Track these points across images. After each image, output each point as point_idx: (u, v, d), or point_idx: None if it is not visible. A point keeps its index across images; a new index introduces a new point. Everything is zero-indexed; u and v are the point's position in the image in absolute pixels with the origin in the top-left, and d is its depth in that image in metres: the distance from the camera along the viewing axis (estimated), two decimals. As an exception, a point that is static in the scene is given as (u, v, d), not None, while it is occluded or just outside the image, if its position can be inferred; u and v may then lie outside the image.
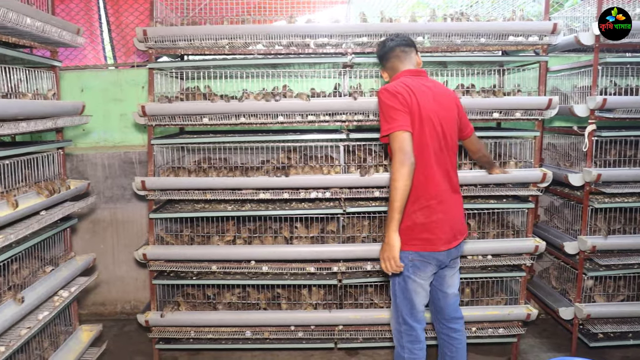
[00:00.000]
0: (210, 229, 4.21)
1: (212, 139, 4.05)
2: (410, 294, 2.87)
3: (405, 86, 2.81)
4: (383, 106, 2.78)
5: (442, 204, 2.84)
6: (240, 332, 4.13)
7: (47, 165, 3.46)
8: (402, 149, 2.64)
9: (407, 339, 2.92)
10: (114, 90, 5.15)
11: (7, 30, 2.96)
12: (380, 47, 3.13)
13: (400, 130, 2.67)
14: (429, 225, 2.81)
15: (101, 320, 4.69)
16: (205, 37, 3.82)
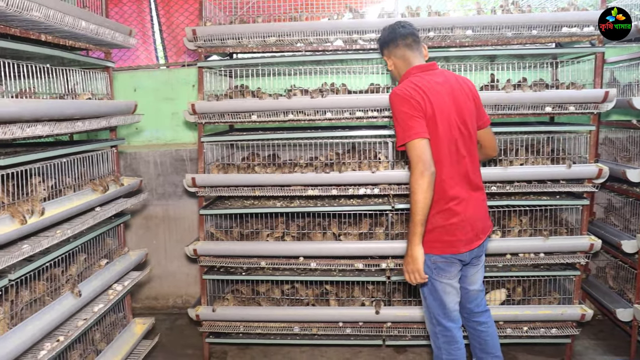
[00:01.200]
0: (259, 225, 4.26)
1: (261, 136, 4.09)
2: (440, 295, 2.81)
3: (417, 87, 2.69)
4: (396, 112, 2.67)
5: (461, 204, 2.75)
6: (288, 327, 4.16)
7: (101, 162, 3.56)
8: (420, 158, 2.54)
9: (443, 340, 2.87)
10: (165, 89, 5.26)
11: (64, 34, 3.06)
12: (389, 31, 2.96)
13: (417, 138, 2.57)
14: (449, 228, 2.73)
15: (154, 314, 4.80)
16: (253, 36, 3.85)
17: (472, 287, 3.02)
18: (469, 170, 2.80)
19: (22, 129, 2.43)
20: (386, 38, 2.96)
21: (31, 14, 2.51)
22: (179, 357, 4.37)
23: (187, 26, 4.25)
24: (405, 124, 2.61)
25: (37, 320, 2.65)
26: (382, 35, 3.01)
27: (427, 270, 2.73)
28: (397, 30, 2.92)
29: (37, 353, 2.69)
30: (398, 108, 2.65)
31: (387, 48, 2.97)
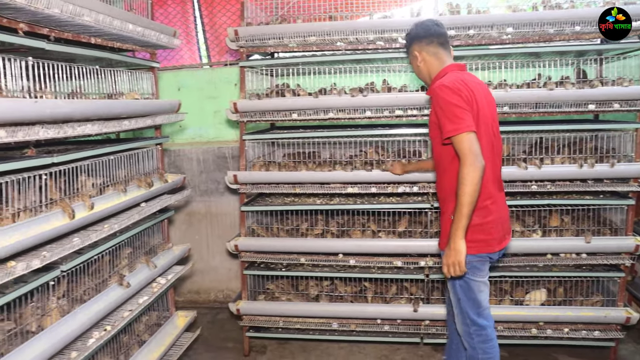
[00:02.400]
0: (299, 222, 4.32)
1: (301, 134, 4.15)
2: (475, 294, 2.82)
3: (464, 83, 2.69)
4: (445, 104, 2.63)
5: (495, 203, 2.79)
6: (327, 323, 4.21)
7: (146, 160, 3.68)
8: (472, 151, 2.53)
9: (478, 340, 2.86)
10: (208, 88, 5.38)
11: (113, 36, 3.19)
12: (424, 27, 2.93)
13: (468, 131, 2.56)
14: (485, 226, 2.74)
15: (196, 308, 4.91)
16: (294, 35, 3.91)
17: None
18: (499, 170, 2.86)
19: (73, 128, 2.55)
20: (420, 33, 2.94)
21: (82, 19, 2.63)
22: (220, 350, 4.47)
23: (230, 26, 4.34)
24: (455, 116, 2.59)
25: (86, 310, 2.78)
26: (416, 30, 2.98)
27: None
28: (432, 27, 2.91)
29: (86, 341, 2.81)
30: (448, 100, 2.62)
31: (419, 43, 2.94)
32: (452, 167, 2.74)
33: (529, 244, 3.89)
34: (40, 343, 2.40)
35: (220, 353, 4.41)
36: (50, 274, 2.57)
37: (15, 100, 2.25)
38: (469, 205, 2.53)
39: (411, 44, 2.99)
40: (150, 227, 3.77)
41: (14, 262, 2.24)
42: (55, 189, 2.66)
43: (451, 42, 3.86)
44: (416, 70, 3.04)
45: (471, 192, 2.51)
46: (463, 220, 2.56)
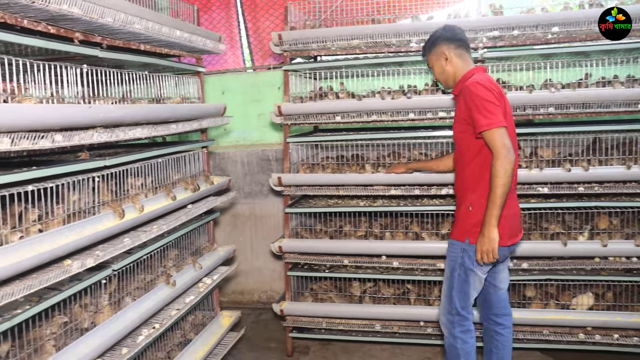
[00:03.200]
0: (342, 224, 4.35)
1: (345, 137, 4.18)
2: (468, 287, 2.94)
3: (493, 83, 2.84)
4: (478, 100, 2.74)
5: (510, 199, 2.88)
6: (370, 325, 4.21)
7: (193, 162, 3.76)
8: (505, 145, 2.65)
9: (459, 329, 2.99)
10: (252, 92, 5.45)
11: (161, 43, 3.28)
12: (451, 31, 3.03)
13: (501, 126, 2.68)
14: (500, 220, 2.78)
15: (240, 308, 4.98)
16: (336, 39, 3.95)
17: (502, 284, 3.15)
18: (516, 168, 2.93)
19: (124, 132, 2.64)
20: (449, 35, 3.02)
21: (133, 27, 2.72)
22: (263, 350, 4.53)
23: (273, 31, 4.40)
24: (488, 111, 2.71)
25: (136, 308, 2.87)
26: (443, 31, 3.05)
27: (467, 260, 2.90)
28: (458, 32, 3.04)
29: (135, 338, 2.90)
30: (482, 96, 2.74)
31: (447, 44, 3.01)
32: (476, 160, 2.88)
33: (575, 247, 3.82)
34: (94, 339, 2.49)
35: (263, 353, 4.47)
36: (102, 272, 2.66)
37: (71, 106, 2.35)
38: (502, 195, 2.66)
39: (438, 45, 3.05)
40: (197, 228, 3.86)
41: (69, 260, 2.34)
42: (107, 191, 2.75)
43: (495, 43, 3.85)
44: (439, 70, 3.10)
45: (505, 184, 2.64)
46: (496, 210, 2.68)
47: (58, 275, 2.20)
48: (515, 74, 4.07)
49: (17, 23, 2.21)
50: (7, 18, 2.14)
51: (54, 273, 2.18)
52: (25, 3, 2.06)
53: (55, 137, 2.19)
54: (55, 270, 2.20)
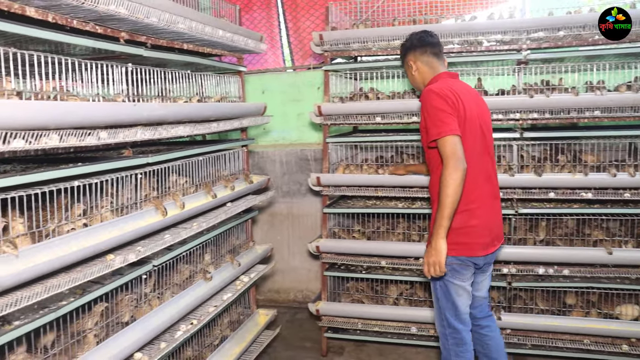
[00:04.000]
0: (380, 225, 4.33)
1: (384, 138, 4.16)
2: (453, 297, 2.86)
3: (451, 89, 2.77)
4: (430, 109, 2.72)
5: (481, 208, 2.82)
6: (405, 327, 4.18)
7: (233, 161, 3.80)
8: (454, 154, 2.60)
9: (452, 342, 2.91)
10: (291, 92, 5.48)
11: (203, 42, 3.33)
12: (418, 38, 3.05)
13: (451, 135, 2.63)
14: (467, 230, 2.78)
15: (275, 307, 5.01)
16: (377, 39, 3.94)
17: (479, 293, 3.08)
18: (491, 175, 2.91)
19: (167, 130, 2.69)
20: (415, 43, 3.05)
21: (177, 26, 2.77)
22: (298, 349, 4.55)
23: (314, 31, 4.42)
24: (439, 120, 2.67)
25: (174, 304, 2.91)
26: (410, 40, 3.09)
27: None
28: (426, 38, 3.03)
29: (174, 333, 2.95)
30: (433, 104, 2.71)
31: (413, 53, 3.04)
32: (439, 171, 2.78)
33: (620, 255, 3.72)
34: (134, 332, 2.54)
35: (298, 352, 4.48)
36: (143, 267, 2.71)
37: (117, 104, 2.40)
38: (450, 205, 2.58)
39: (406, 54, 3.10)
40: (235, 226, 3.90)
41: (112, 255, 2.39)
42: (149, 188, 2.80)
43: (540, 44, 3.78)
44: (411, 79, 3.14)
45: (452, 194, 2.57)
46: (444, 221, 2.61)
47: (101, 269, 2.25)
48: (558, 76, 3.98)
49: (67, 23, 2.27)
50: (58, 19, 2.20)
51: (98, 267, 2.23)
52: (75, 4, 2.12)
53: (101, 134, 2.24)
54: (98, 265, 2.25)
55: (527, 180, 3.80)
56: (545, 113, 3.76)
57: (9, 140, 1.77)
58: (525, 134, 3.89)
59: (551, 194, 3.77)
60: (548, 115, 3.76)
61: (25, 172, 2.02)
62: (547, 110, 3.75)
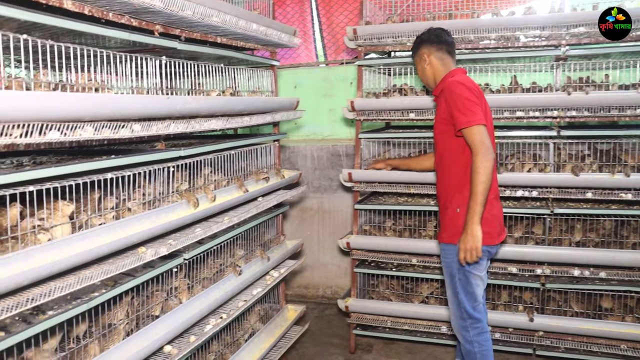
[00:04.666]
0: (411, 222, 4.28)
1: (417, 134, 4.11)
2: (472, 288, 2.93)
3: (473, 82, 2.90)
4: (458, 98, 2.78)
5: (496, 199, 2.98)
6: (435, 326, 4.13)
7: (264, 155, 3.79)
8: (484, 143, 2.69)
9: (474, 332, 2.96)
10: (323, 86, 5.45)
11: (237, 36, 3.32)
12: (435, 34, 3.11)
13: (480, 124, 2.71)
14: (490, 219, 2.87)
15: (303, 302, 5.01)
16: (412, 34, 3.88)
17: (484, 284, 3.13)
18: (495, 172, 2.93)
19: (200, 124, 2.68)
20: (432, 38, 3.11)
21: (211, 19, 2.76)
22: (326, 345, 4.53)
23: (348, 25, 4.38)
24: (468, 109, 2.74)
25: (204, 297, 2.91)
26: (427, 34, 3.14)
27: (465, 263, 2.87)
28: (443, 35, 3.11)
29: (203, 327, 2.95)
30: (461, 94, 2.79)
31: (429, 47, 3.11)
32: (460, 161, 2.90)
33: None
34: (164, 325, 2.54)
35: (326, 348, 4.47)
36: (174, 261, 2.71)
37: (150, 97, 2.40)
38: (483, 192, 2.68)
39: (420, 47, 3.16)
40: (266, 221, 3.88)
41: (144, 248, 2.40)
42: (181, 181, 2.81)
43: (580, 40, 3.68)
44: (421, 73, 3.19)
45: (485, 180, 2.67)
46: (479, 207, 2.70)
47: (133, 262, 2.25)
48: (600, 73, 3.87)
49: (103, 16, 2.27)
50: (94, 11, 2.21)
51: (130, 260, 2.24)
52: (111, -4, 2.13)
53: (134, 126, 2.24)
54: (130, 257, 2.26)
55: (563, 179, 3.72)
56: (584, 111, 3.66)
57: (44, 131, 1.78)
58: (563, 132, 3.80)
59: (588, 194, 3.68)
60: (587, 113, 3.66)
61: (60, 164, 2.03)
62: (586, 108, 3.65)
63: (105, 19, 2.29)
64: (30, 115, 1.71)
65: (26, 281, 1.75)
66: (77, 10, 2.11)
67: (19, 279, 1.71)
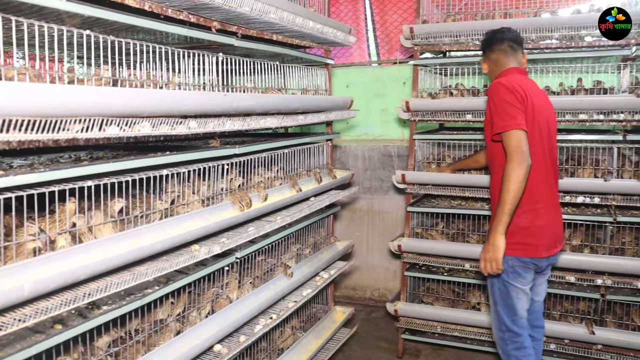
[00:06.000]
0: (464, 226, 4.17)
1: (473, 136, 4.01)
2: (512, 300, 2.80)
3: (519, 83, 2.71)
4: (498, 101, 2.67)
5: (545, 208, 2.76)
6: (487, 334, 4.01)
7: (317, 155, 3.74)
8: (519, 149, 2.54)
9: (512, 347, 2.83)
10: (376, 86, 5.38)
11: (293, 33, 3.28)
12: (489, 36, 3.03)
13: (517, 129, 2.57)
14: (533, 230, 2.72)
15: (350, 304, 4.95)
16: (471, 33, 3.78)
17: (538, 297, 3.01)
18: (553, 178, 2.84)
19: (256, 121, 2.66)
20: (486, 42, 3.04)
21: (269, 16, 2.72)
22: (373, 348, 4.46)
23: (402, 24, 4.30)
24: (506, 113, 2.62)
25: (254, 297, 2.89)
26: (488, 34, 3.06)
27: (504, 273, 2.74)
28: (496, 35, 2.99)
29: (253, 327, 2.93)
30: (501, 97, 2.66)
31: (490, 46, 3.01)
32: (501, 169, 2.69)
33: None
34: (214, 324, 2.53)
35: (373, 352, 4.40)
36: (226, 259, 2.70)
37: (208, 94, 2.39)
38: (511, 201, 2.54)
39: (487, 45, 3.05)
40: (317, 221, 3.84)
41: (197, 245, 2.38)
42: (235, 179, 2.79)
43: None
44: (484, 70, 3.10)
45: (514, 189, 2.53)
46: (504, 216, 2.57)
47: (187, 259, 2.24)
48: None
49: (162, 12, 2.27)
50: (154, 7, 2.20)
51: (184, 257, 2.23)
52: (171, -8, 2.11)
53: (190, 123, 2.22)
54: (184, 255, 2.25)
55: (628, 186, 3.54)
56: (654, 115, 3.49)
57: (104, 127, 1.77)
58: (629, 136, 3.62)
59: (656, 202, 3.50)
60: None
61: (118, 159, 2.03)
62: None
63: (164, 14, 2.28)
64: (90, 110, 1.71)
65: (83, 276, 1.75)
66: (137, 6, 2.10)
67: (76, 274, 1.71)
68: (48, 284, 1.63)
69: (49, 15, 1.90)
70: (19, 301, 1.57)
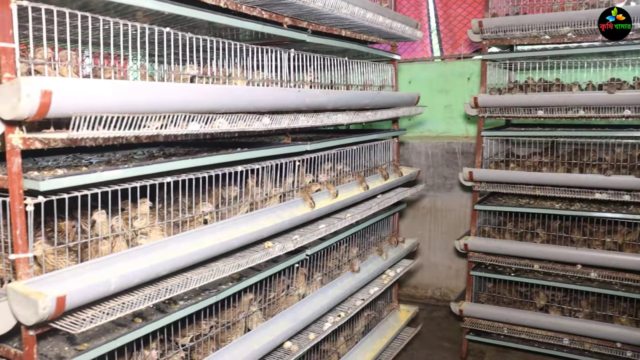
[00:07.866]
0: (532, 225, 4.03)
1: (543, 132, 3.88)
2: None
3: None
4: None
5: None
6: (556, 337, 3.88)
7: (383, 151, 3.69)
8: None
9: None
10: (439, 82, 5.27)
11: (362, 29, 3.24)
12: None
13: None
14: None
15: (412, 302, 4.87)
16: (544, 26, 3.64)
17: None
18: None
19: (328, 117, 2.63)
20: None
21: (340, 11, 2.69)
22: (436, 348, 4.40)
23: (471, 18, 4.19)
24: None
25: (322, 294, 2.87)
26: None
27: None
28: None
29: (322, 324, 2.91)
30: None
31: None
32: None
33: None
34: (286, 321, 2.53)
35: (436, 352, 4.34)
36: (297, 256, 2.69)
37: (282, 90, 2.38)
38: None
39: None
40: (383, 219, 3.79)
41: (270, 242, 2.38)
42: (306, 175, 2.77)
43: None
44: None
45: None
46: None
47: (263, 256, 2.24)
48: None
49: (237, 8, 2.26)
50: (229, 4, 2.20)
51: (259, 254, 2.22)
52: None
53: (264, 119, 2.21)
54: (260, 252, 2.24)
55: None
56: None
57: (186, 123, 1.78)
58: None
59: None
60: None
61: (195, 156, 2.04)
62: None
63: (238, 11, 2.28)
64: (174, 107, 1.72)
65: (164, 271, 1.77)
66: (213, 3, 2.11)
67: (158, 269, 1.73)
68: (132, 279, 1.65)
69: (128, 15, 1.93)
70: (106, 295, 1.60)
